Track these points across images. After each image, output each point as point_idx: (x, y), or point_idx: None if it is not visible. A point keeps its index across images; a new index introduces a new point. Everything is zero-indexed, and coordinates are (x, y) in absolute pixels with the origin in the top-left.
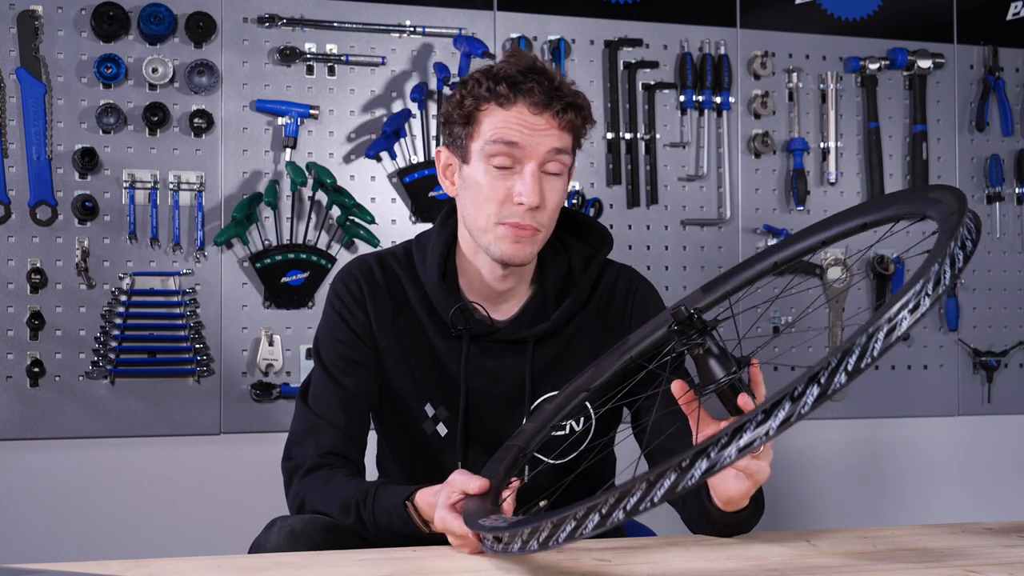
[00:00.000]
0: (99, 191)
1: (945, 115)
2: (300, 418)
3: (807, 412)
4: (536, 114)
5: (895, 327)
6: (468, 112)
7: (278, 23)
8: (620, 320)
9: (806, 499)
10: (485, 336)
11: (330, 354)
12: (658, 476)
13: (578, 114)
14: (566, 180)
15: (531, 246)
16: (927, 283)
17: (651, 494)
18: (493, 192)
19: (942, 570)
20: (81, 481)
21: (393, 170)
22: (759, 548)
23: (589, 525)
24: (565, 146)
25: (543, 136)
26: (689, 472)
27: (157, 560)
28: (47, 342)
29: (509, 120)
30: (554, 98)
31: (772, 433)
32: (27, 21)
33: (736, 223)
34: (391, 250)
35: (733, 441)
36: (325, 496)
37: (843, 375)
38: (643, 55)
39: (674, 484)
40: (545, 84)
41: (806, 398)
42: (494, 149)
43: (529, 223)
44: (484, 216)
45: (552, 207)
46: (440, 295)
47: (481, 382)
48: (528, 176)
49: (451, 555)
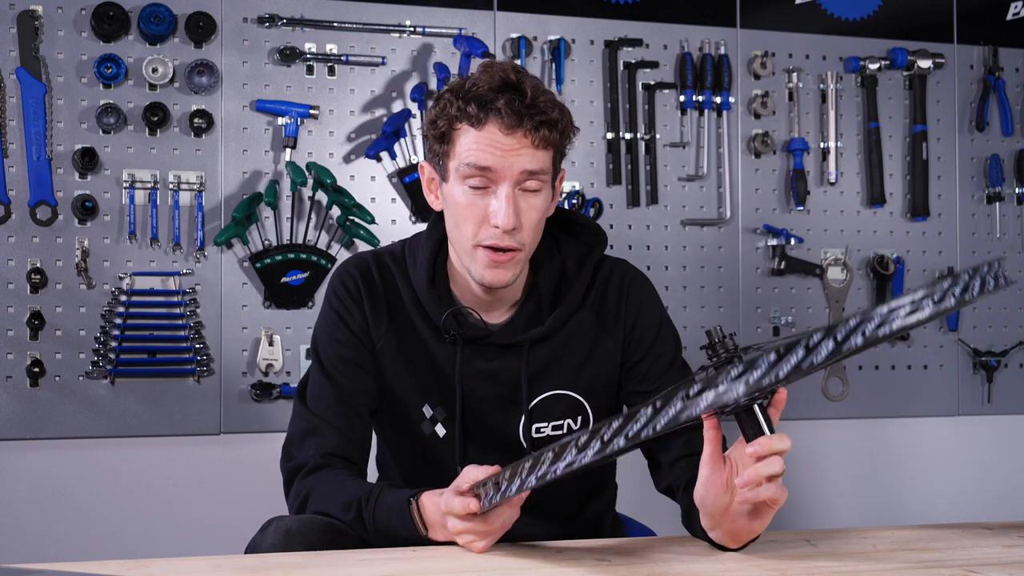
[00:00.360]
0: (99, 191)
1: (945, 115)
2: (299, 419)
3: (819, 363)
4: (508, 134)
5: (916, 309)
6: (442, 132)
7: (278, 23)
8: (615, 316)
9: (806, 499)
10: (479, 340)
11: (328, 354)
12: (665, 402)
13: (553, 129)
14: (548, 193)
15: (511, 269)
16: (955, 286)
17: (655, 421)
18: (470, 213)
19: (942, 570)
20: (81, 481)
21: (393, 170)
22: (759, 548)
23: (589, 452)
24: (541, 166)
25: (515, 157)
26: (695, 401)
27: (157, 560)
28: (47, 342)
29: (481, 142)
30: (525, 116)
31: (782, 376)
32: (27, 21)
33: (736, 223)
34: (388, 248)
35: (744, 376)
36: (329, 494)
37: (859, 337)
38: (643, 55)
39: (680, 412)
40: (516, 103)
41: (820, 349)
42: (467, 171)
43: (508, 243)
44: (464, 237)
45: (532, 224)
46: (431, 300)
47: (477, 384)
48: (503, 198)
49: (451, 555)
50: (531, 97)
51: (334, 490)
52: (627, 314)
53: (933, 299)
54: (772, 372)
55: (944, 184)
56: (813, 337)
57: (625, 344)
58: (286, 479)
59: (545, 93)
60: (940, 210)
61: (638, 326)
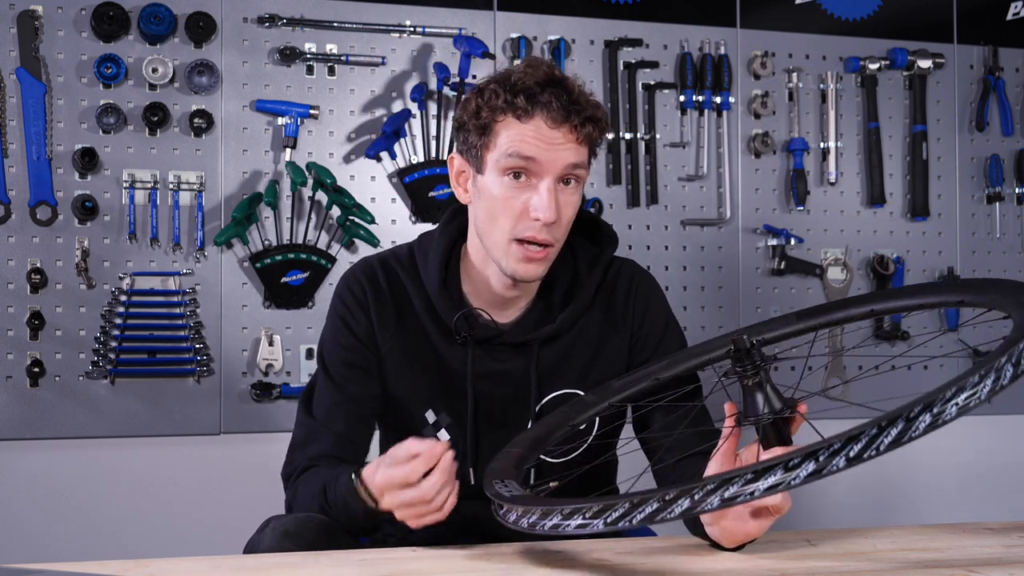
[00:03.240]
0: (99, 191)
1: (945, 115)
2: (300, 427)
3: (837, 470)
4: (554, 128)
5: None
6: (484, 123)
7: (278, 23)
8: (623, 316)
9: (806, 499)
10: (489, 340)
11: (333, 359)
12: (679, 494)
13: (596, 127)
14: (581, 191)
15: (544, 264)
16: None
17: (668, 509)
18: (508, 207)
19: (942, 570)
20: (81, 481)
21: (393, 170)
22: (759, 548)
23: (599, 524)
24: (582, 160)
25: (561, 151)
26: (707, 500)
27: (157, 560)
28: (47, 342)
29: (526, 134)
30: (572, 112)
31: (798, 482)
32: (27, 21)
33: (736, 223)
34: (395, 252)
35: (759, 480)
36: (307, 490)
37: (842, 460)
38: (643, 55)
39: (691, 507)
40: (563, 97)
41: (838, 460)
42: (511, 163)
43: (544, 237)
44: (499, 231)
45: (567, 221)
46: (442, 301)
47: (486, 385)
48: (544, 191)
49: (451, 555)
50: (577, 94)
51: (308, 487)
52: (635, 313)
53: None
54: (789, 477)
55: (944, 184)
56: (835, 444)
57: (632, 343)
58: (284, 487)
59: (585, 91)
60: (940, 210)
61: (645, 325)
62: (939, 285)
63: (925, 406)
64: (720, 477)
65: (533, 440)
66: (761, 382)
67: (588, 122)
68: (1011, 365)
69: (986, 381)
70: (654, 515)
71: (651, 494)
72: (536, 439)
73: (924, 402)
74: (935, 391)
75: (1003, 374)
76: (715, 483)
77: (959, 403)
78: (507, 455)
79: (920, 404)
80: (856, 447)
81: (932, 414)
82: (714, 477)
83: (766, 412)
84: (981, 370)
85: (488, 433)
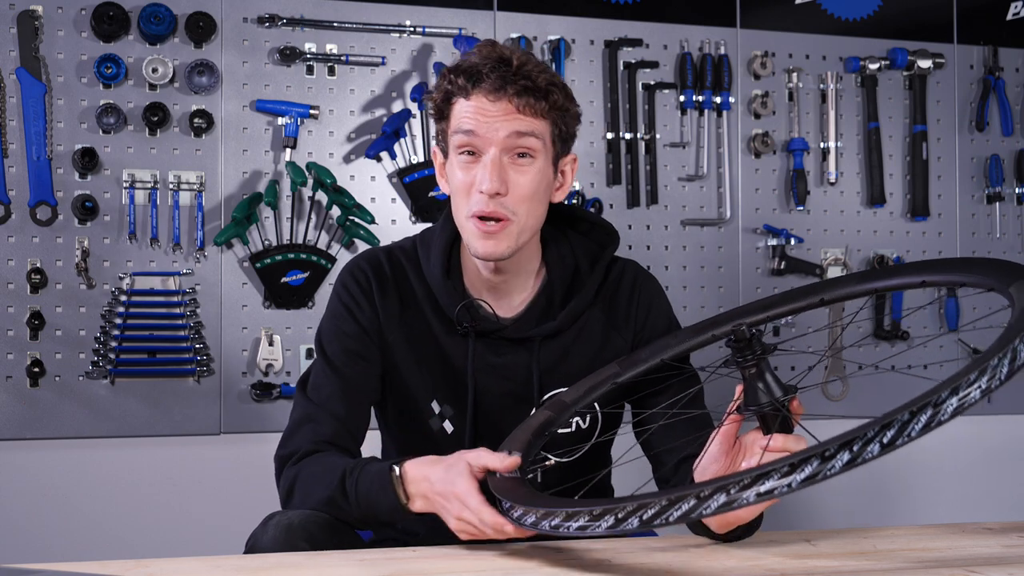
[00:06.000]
0: (99, 191)
1: (945, 115)
2: (298, 408)
3: (832, 474)
4: (494, 101)
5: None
6: (439, 108)
7: (278, 23)
8: (625, 316)
9: (806, 499)
10: (491, 334)
11: (334, 347)
12: (678, 497)
13: (540, 97)
14: (545, 169)
15: (504, 240)
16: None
17: (667, 512)
18: (463, 184)
19: (942, 570)
20: (81, 481)
21: (393, 170)
22: (759, 548)
23: (602, 525)
24: (530, 129)
25: (500, 121)
26: (706, 503)
27: (157, 560)
28: (47, 342)
29: (468, 110)
30: (509, 82)
31: (794, 486)
32: (27, 21)
33: (736, 223)
34: (399, 244)
35: (755, 485)
36: (316, 473)
37: (877, 446)
38: (643, 55)
39: (691, 509)
40: (502, 70)
41: (835, 462)
42: (458, 140)
43: (493, 210)
44: (458, 210)
45: (523, 193)
46: (445, 292)
47: (487, 379)
48: (487, 162)
49: (451, 555)
50: (517, 66)
51: (321, 469)
52: (637, 314)
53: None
54: (784, 483)
55: (944, 184)
56: (829, 449)
57: (635, 343)
58: (277, 467)
59: (537, 65)
60: (940, 210)
61: (647, 326)
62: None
63: (952, 390)
64: (757, 471)
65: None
66: (761, 371)
67: (527, 92)
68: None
69: (1004, 362)
70: (690, 512)
71: (687, 491)
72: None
73: (950, 386)
74: (957, 374)
75: (1019, 353)
76: (750, 478)
77: (982, 386)
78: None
79: (947, 388)
80: (889, 433)
81: (958, 398)
82: (750, 471)
83: (766, 403)
84: (1000, 352)
85: (489, 427)
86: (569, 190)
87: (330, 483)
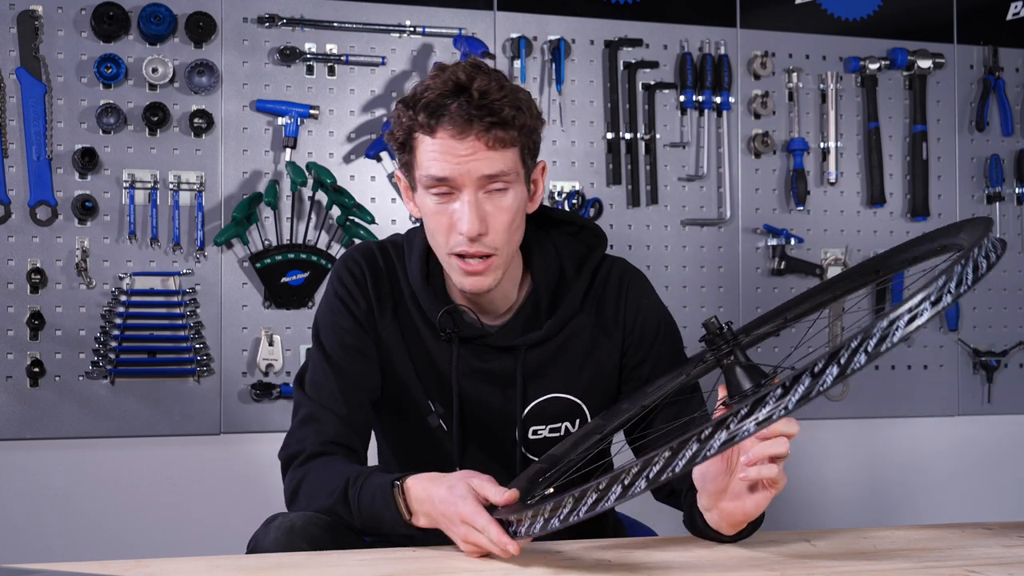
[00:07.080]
0: (99, 191)
1: (945, 115)
2: (299, 406)
3: (826, 389)
4: (460, 139)
5: (915, 316)
6: (401, 142)
7: (278, 23)
8: (614, 319)
9: (806, 499)
10: (475, 340)
11: (332, 342)
12: (680, 444)
13: (507, 128)
14: (519, 191)
15: (489, 275)
16: (950, 281)
17: (673, 463)
18: (439, 222)
19: (942, 570)
20: (81, 481)
21: (393, 170)
22: (759, 548)
23: (612, 496)
24: (501, 167)
25: (471, 162)
26: (709, 443)
27: (157, 560)
28: (47, 342)
29: (436, 151)
30: (475, 119)
31: (791, 407)
32: (27, 21)
33: (736, 223)
34: (392, 239)
35: (753, 414)
36: (320, 479)
37: (863, 355)
38: (643, 55)
39: (696, 454)
40: (464, 104)
41: (825, 376)
42: (428, 182)
43: (476, 250)
44: (438, 247)
45: (503, 227)
46: (426, 297)
47: (473, 384)
48: (464, 205)
49: (451, 555)
50: (479, 98)
51: (326, 475)
52: (626, 316)
53: (930, 301)
54: (781, 405)
55: (944, 184)
56: (817, 365)
57: (625, 346)
58: (282, 467)
59: (500, 90)
60: (940, 210)
61: (637, 328)
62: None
63: (924, 297)
64: (752, 399)
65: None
66: (738, 359)
67: (495, 127)
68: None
69: (967, 269)
70: (695, 456)
71: (687, 435)
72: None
73: (925, 292)
74: (930, 281)
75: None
76: (746, 408)
77: (951, 290)
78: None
79: (920, 294)
80: (872, 342)
81: (931, 302)
82: (744, 402)
83: (748, 388)
84: (962, 259)
85: (475, 431)
86: (543, 196)
87: (333, 491)
